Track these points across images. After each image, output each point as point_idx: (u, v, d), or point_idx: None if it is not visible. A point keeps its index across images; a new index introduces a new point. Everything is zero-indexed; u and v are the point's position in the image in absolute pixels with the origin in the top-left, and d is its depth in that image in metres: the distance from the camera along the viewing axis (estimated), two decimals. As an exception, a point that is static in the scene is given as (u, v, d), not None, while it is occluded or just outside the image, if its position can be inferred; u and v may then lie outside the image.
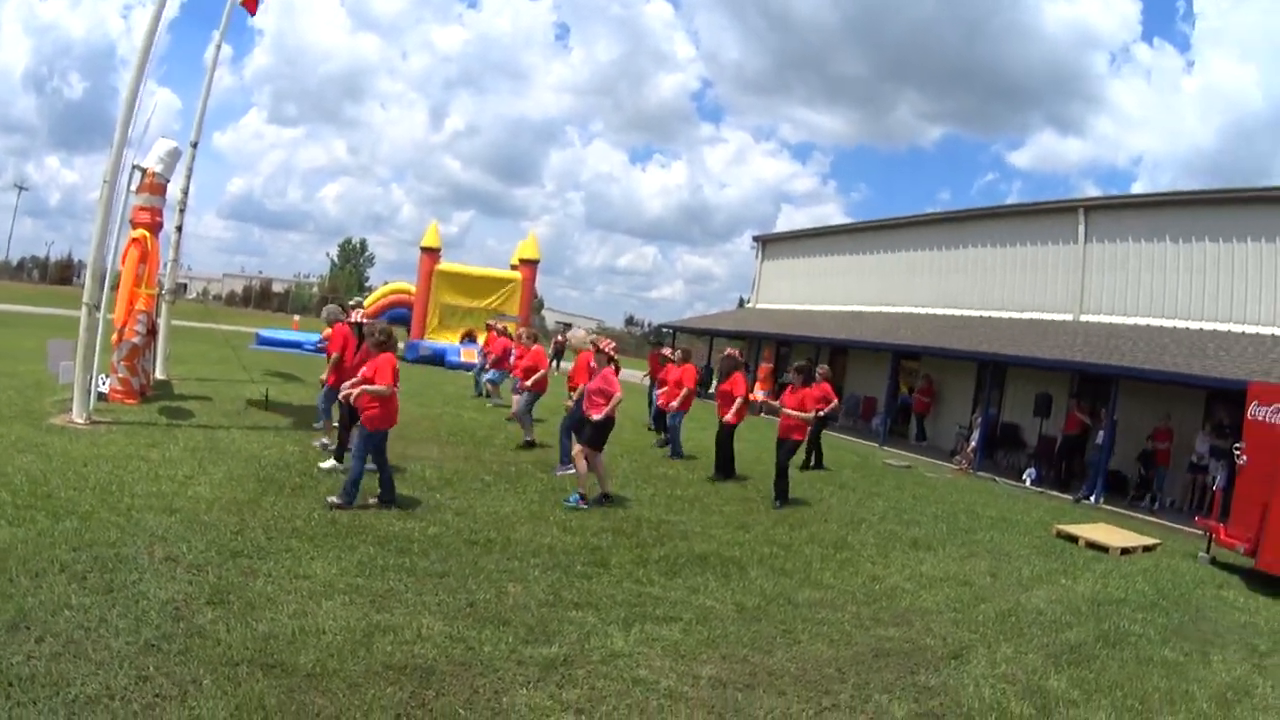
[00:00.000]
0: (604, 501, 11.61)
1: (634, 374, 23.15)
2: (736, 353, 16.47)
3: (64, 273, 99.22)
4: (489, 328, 22.20)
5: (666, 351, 20.22)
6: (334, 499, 9.72)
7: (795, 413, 13.22)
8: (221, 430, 13.54)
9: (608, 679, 6.03)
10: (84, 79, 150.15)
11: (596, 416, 11.42)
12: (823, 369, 14.69)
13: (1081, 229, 24.19)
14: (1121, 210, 23.95)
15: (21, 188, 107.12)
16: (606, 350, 12.01)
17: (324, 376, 12.92)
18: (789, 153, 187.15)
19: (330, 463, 11.65)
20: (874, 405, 29.51)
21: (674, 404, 16.88)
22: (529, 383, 15.36)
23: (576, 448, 11.84)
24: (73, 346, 13.36)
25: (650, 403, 21.01)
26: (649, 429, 20.38)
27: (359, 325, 11.91)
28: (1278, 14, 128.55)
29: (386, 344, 10.25)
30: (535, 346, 16.13)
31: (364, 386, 9.94)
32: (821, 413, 13.91)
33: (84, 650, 5.31)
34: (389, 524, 9.31)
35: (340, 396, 11.10)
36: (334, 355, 12.48)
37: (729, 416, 14.89)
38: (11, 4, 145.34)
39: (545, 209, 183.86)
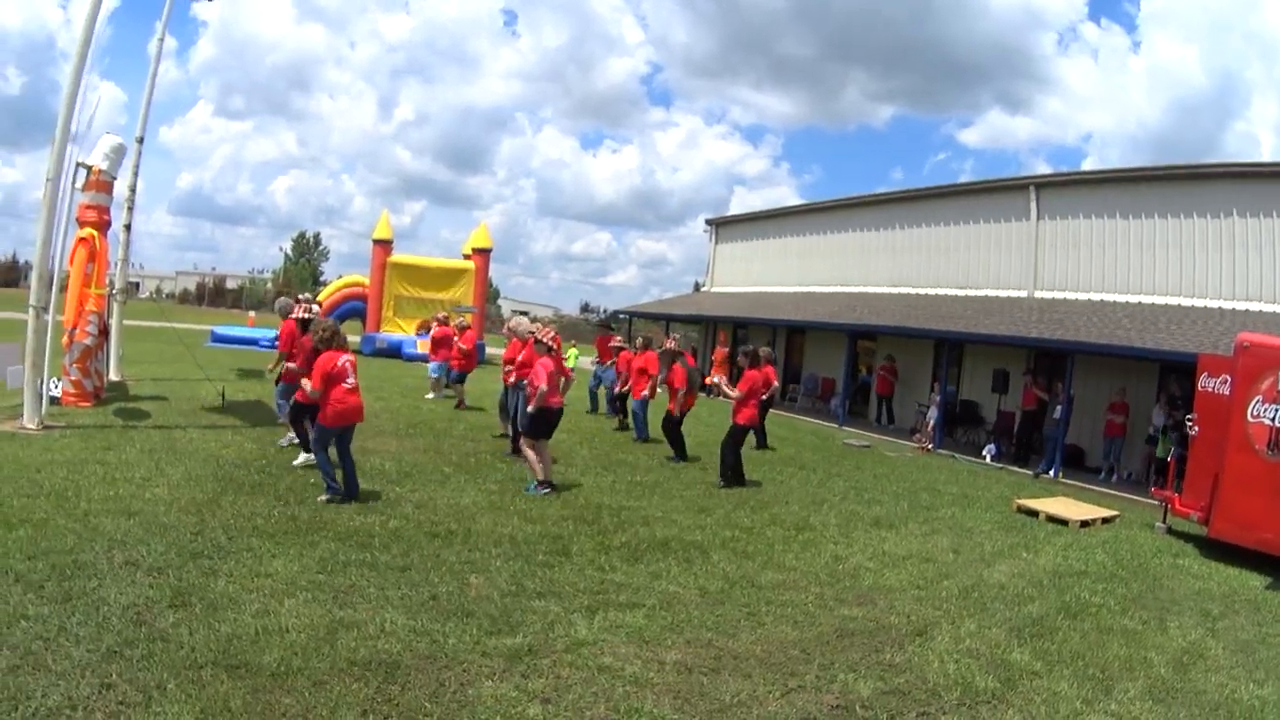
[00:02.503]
0: (549, 489, 11.59)
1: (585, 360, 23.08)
2: (673, 343, 16.55)
3: (8, 274, 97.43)
4: (437, 320, 21.98)
5: (618, 340, 20.26)
6: (324, 497, 9.87)
7: (733, 393, 13.65)
8: (179, 430, 13.44)
9: (573, 667, 6.06)
10: (21, 73, 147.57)
11: (530, 408, 11.51)
12: (765, 351, 14.76)
13: (1034, 206, 24.42)
14: (1072, 188, 24.22)
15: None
16: (546, 340, 12.00)
17: (276, 372, 12.94)
18: (740, 135, 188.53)
19: (302, 457, 11.60)
20: (832, 386, 29.59)
21: (644, 393, 16.95)
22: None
23: (524, 440, 11.88)
24: (20, 350, 13.23)
25: (592, 392, 21.15)
26: (589, 413, 20.44)
27: (306, 321, 11.82)
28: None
29: (329, 341, 10.17)
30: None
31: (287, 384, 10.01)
32: (764, 396, 13.97)
33: (43, 661, 5.26)
34: (349, 519, 9.28)
35: (296, 397, 11.26)
36: (281, 354, 12.46)
37: (671, 407, 15.24)
38: None
39: (498, 197, 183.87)
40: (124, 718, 4.78)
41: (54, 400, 13.87)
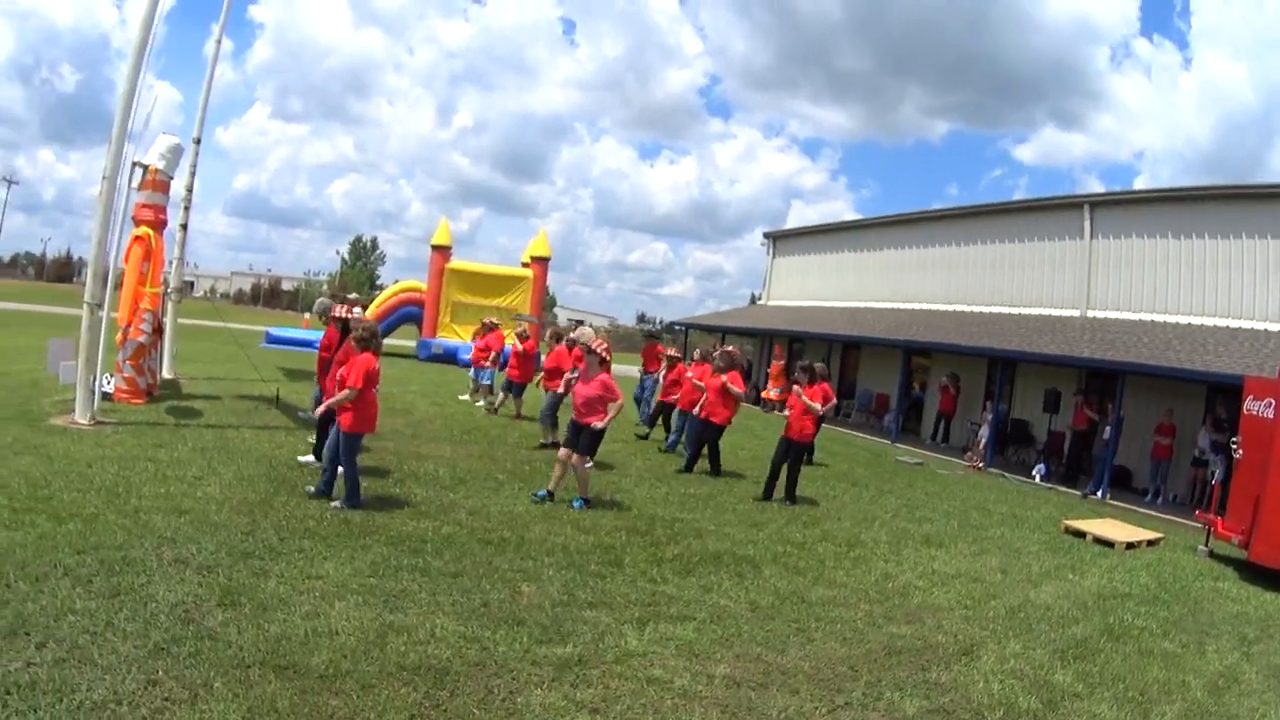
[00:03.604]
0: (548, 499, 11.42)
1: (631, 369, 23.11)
2: (735, 351, 16.45)
3: (62, 270, 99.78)
4: (485, 325, 22.04)
5: (673, 352, 20.19)
6: (337, 504, 9.72)
7: (812, 404, 13.42)
8: (231, 430, 13.59)
9: (622, 678, 6.06)
10: (76, 71, 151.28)
11: (598, 425, 11.30)
12: (819, 366, 14.67)
13: (1087, 225, 24.50)
14: (1125, 207, 24.28)
15: (11, 181, 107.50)
16: (599, 352, 11.68)
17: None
18: (798, 148, 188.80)
19: (308, 458, 11.65)
20: (886, 402, 29.69)
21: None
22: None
23: (564, 451, 11.69)
24: (74, 346, 13.42)
25: (638, 400, 20.95)
26: (639, 425, 20.27)
27: (345, 321, 11.80)
28: (1266, 12, 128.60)
29: (368, 342, 10.04)
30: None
31: (328, 403, 9.93)
32: (821, 410, 13.84)
33: (89, 655, 5.31)
34: (402, 524, 9.33)
35: (315, 412, 11.31)
36: (325, 359, 12.44)
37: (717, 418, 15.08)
38: None
39: (555, 205, 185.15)
40: (169, 714, 4.80)
41: (106, 396, 14.09)
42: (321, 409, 10.28)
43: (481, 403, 21.00)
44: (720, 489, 13.91)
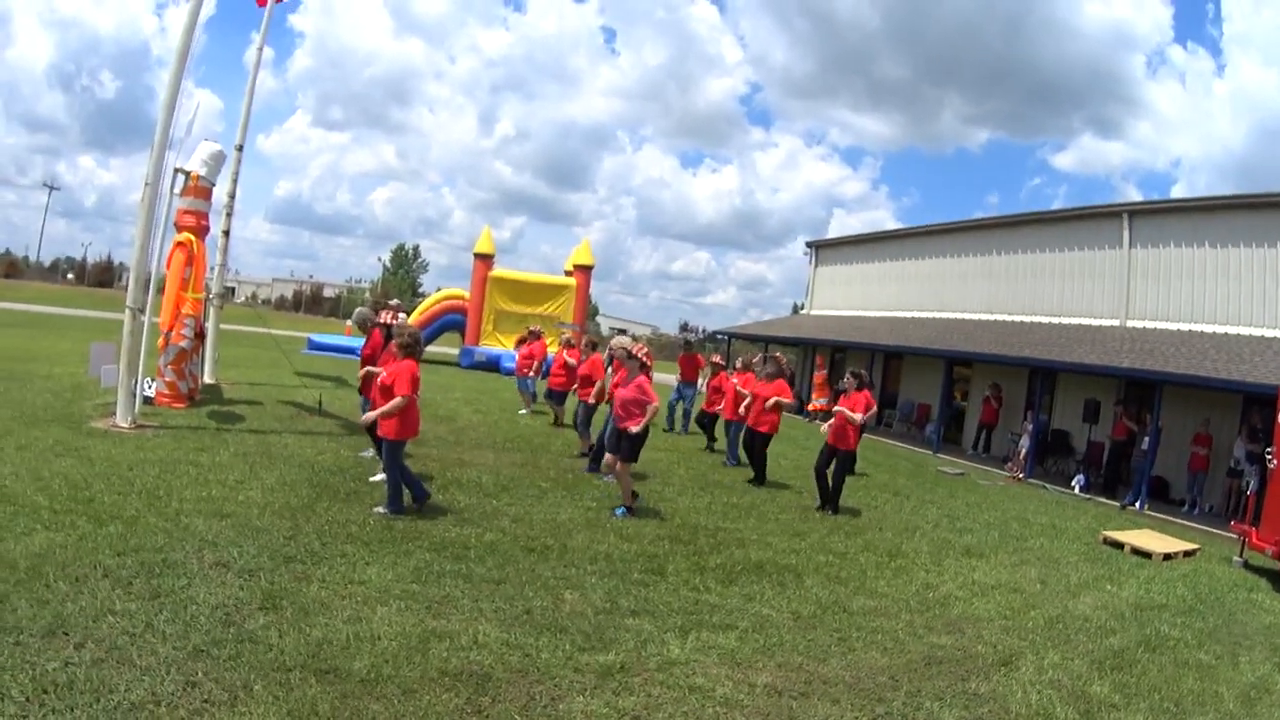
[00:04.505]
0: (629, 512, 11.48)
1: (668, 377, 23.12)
2: (782, 358, 16.42)
3: (103, 275, 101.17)
4: (531, 333, 22.17)
5: (717, 359, 20.21)
6: (380, 509, 9.78)
7: (852, 414, 13.38)
8: (273, 435, 13.71)
9: (664, 686, 6.10)
10: (116, 78, 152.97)
11: (634, 429, 11.31)
12: (863, 374, 14.59)
13: (1126, 234, 24.41)
14: (1163, 215, 24.13)
15: (52, 187, 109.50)
16: (639, 356, 11.75)
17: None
18: (839, 157, 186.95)
19: (368, 451, 11.71)
20: (927, 411, 29.77)
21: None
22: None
23: (608, 457, 11.83)
24: (115, 350, 13.57)
25: (672, 407, 21.07)
26: (666, 431, 20.46)
27: (388, 327, 11.82)
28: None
29: (412, 349, 10.04)
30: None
31: (376, 413, 9.94)
32: (861, 420, 13.76)
33: (128, 656, 5.37)
34: (445, 530, 9.38)
35: (360, 422, 11.39)
36: (367, 366, 12.48)
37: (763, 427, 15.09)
38: None
39: (598, 214, 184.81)
40: (208, 716, 4.85)
41: (147, 400, 14.25)
42: (370, 417, 10.31)
43: (524, 410, 21.13)
44: (763, 498, 13.95)
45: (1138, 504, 19.00)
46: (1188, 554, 13.85)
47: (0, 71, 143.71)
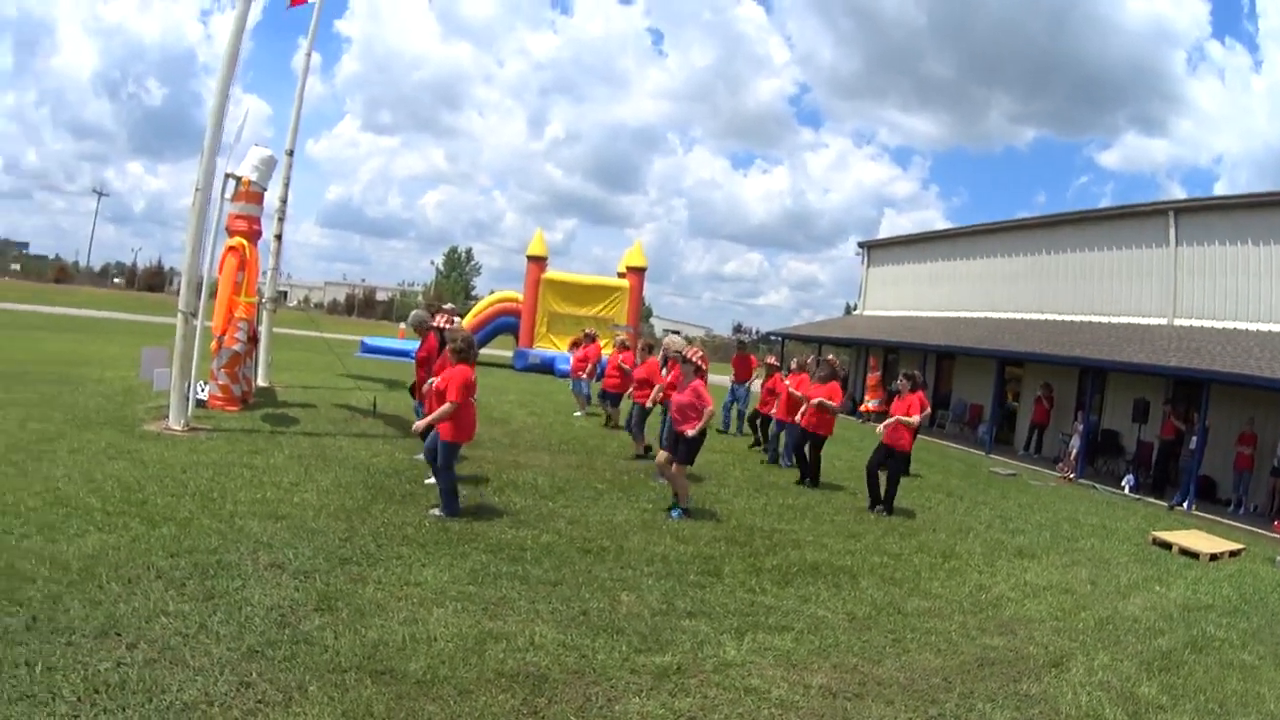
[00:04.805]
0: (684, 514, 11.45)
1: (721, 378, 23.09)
2: (836, 361, 16.37)
3: (153, 279, 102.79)
4: (585, 336, 22.22)
5: (772, 360, 20.12)
6: (436, 511, 9.78)
7: (909, 419, 13.33)
8: (328, 438, 13.76)
9: (720, 688, 6.11)
10: (162, 85, 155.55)
11: (691, 433, 11.28)
12: (917, 375, 14.43)
13: (1172, 232, 24.26)
14: (1208, 213, 23.93)
15: (101, 193, 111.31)
16: (694, 360, 11.68)
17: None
18: (889, 157, 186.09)
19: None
20: (980, 412, 29.72)
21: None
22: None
23: (663, 455, 11.76)
24: (167, 354, 13.72)
25: (727, 408, 21.10)
26: (721, 432, 20.51)
27: (443, 330, 11.79)
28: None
29: (465, 354, 10.02)
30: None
31: (426, 420, 9.91)
32: (917, 422, 13.63)
33: (181, 657, 5.39)
34: (501, 532, 9.38)
35: (413, 429, 11.35)
36: (422, 369, 12.45)
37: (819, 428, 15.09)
38: (68, 6, 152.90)
39: (649, 216, 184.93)
40: (262, 716, 4.86)
41: (200, 403, 14.36)
42: (422, 425, 10.28)
43: (579, 412, 21.15)
44: (818, 500, 13.91)
45: (1185, 504, 18.95)
46: (1233, 554, 13.89)
47: (47, 79, 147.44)
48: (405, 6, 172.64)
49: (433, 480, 10.95)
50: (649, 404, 15.07)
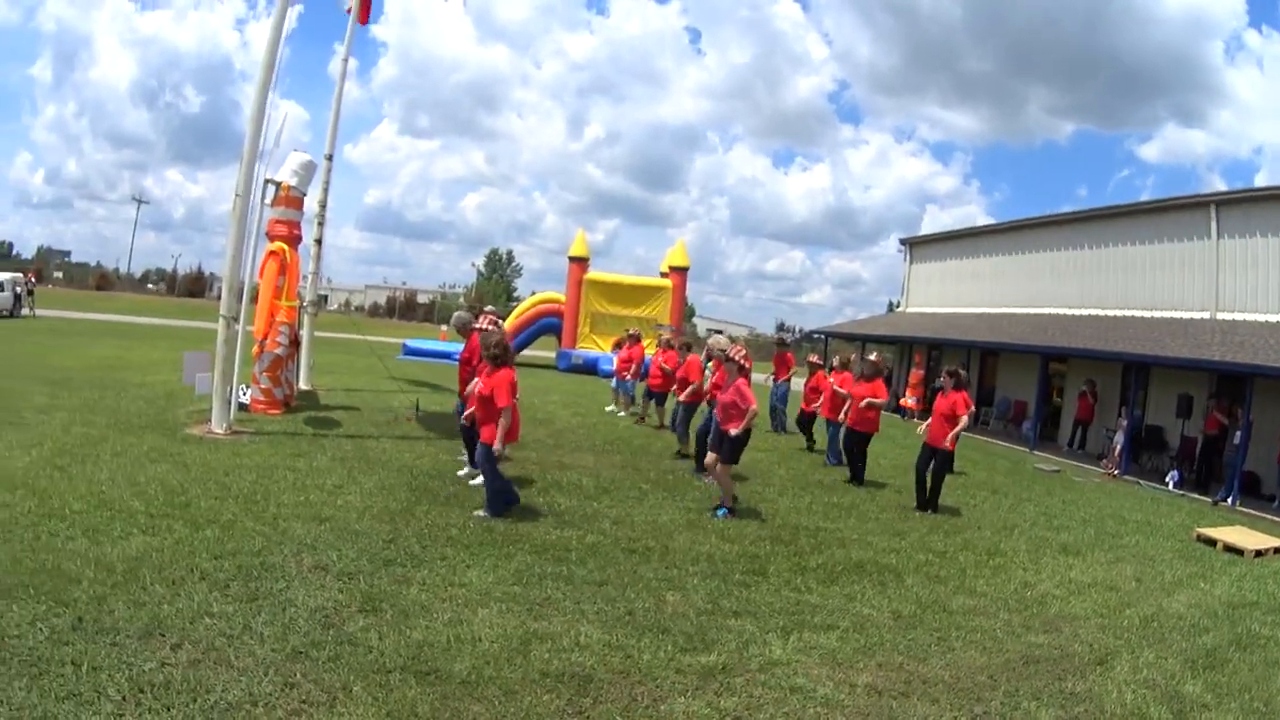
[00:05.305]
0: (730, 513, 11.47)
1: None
2: (880, 359, 16.32)
3: (193, 285, 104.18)
4: (629, 336, 22.28)
5: (814, 358, 20.06)
6: (481, 512, 9.82)
7: (958, 415, 13.25)
8: (371, 440, 13.86)
9: (765, 687, 6.11)
10: (200, 93, 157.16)
11: (734, 432, 11.27)
12: (961, 373, 14.35)
13: (1214, 225, 23.99)
14: (1249, 204, 23.63)
15: (141, 201, 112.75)
16: (738, 359, 11.67)
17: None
18: (929, 152, 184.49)
19: (473, 477, 11.72)
20: (1024, 408, 29.57)
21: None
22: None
23: (711, 456, 11.74)
24: (208, 358, 13.84)
25: (773, 410, 21.05)
26: (769, 431, 20.49)
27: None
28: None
29: (503, 358, 10.03)
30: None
31: (495, 432, 9.80)
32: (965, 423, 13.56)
33: (225, 657, 5.45)
34: (546, 533, 9.41)
35: (463, 418, 11.35)
36: (466, 370, 12.46)
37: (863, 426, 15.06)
38: (104, 17, 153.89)
39: (691, 215, 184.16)
40: (306, 716, 4.90)
41: (243, 407, 14.53)
42: (497, 442, 10.26)
43: (623, 412, 21.21)
44: (863, 498, 13.89)
45: (1230, 500, 18.72)
46: (1278, 550, 13.68)
47: (86, 91, 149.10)
48: (440, 11, 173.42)
49: (478, 481, 11.03)
50: (687, 399, 15.07)
